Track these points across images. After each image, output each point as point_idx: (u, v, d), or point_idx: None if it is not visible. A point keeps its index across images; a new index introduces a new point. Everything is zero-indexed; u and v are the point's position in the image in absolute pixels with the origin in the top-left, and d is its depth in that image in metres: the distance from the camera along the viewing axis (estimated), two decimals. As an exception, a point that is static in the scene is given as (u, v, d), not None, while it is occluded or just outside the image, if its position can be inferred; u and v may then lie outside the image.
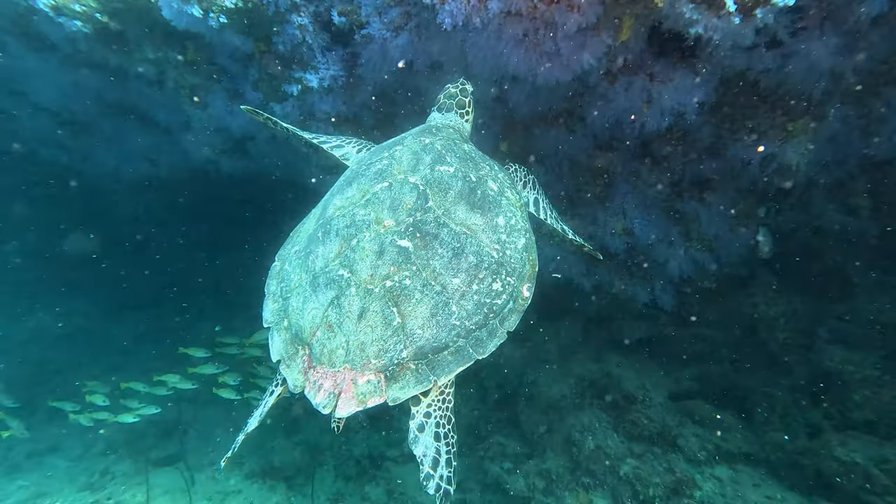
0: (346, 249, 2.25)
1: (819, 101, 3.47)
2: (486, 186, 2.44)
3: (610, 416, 6.90)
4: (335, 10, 3.95)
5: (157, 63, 5.49)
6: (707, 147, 4.11)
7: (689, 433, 6.61)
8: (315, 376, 2.10)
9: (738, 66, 3.34)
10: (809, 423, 6.04)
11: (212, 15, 3.89)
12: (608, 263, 5.29)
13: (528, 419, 7.65)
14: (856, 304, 5.29)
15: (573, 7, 2.62)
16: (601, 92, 3.63)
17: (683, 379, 6.83)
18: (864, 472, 5.53)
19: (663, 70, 3.35)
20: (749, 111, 3.74)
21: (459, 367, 2.12)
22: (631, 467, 6.53)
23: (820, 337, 5.46)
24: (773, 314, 5.75)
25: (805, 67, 3.20)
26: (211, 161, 8.18)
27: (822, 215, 4.71)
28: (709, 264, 5.04)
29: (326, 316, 2.14)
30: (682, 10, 2.72)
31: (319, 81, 4.39)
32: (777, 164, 3.91)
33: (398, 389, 2.04)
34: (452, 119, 3.05)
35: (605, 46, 3.01)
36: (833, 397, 5.72)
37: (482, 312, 2.19)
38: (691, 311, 6.10)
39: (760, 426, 6.34)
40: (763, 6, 2.58)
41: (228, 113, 5.63)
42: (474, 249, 2.24)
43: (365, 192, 2.40)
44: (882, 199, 4.66)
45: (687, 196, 4.56)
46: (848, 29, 2.97)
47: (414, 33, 3.62)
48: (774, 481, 6.20)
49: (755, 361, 6.18)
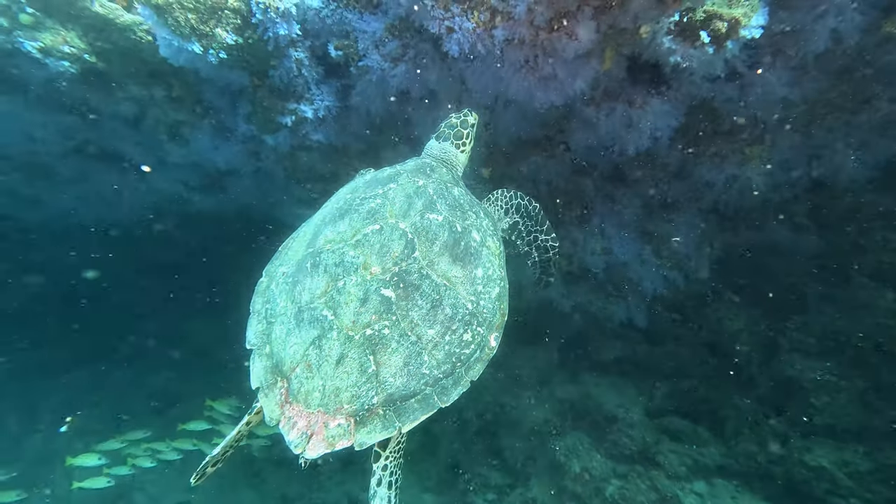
0: (332, 289, 2.33)
1: (772, 128, 3.85)
2: (470, 237, 2.57)
3: (592, 437, 6.93)
4: (332, 44, 4.09)
5: (139, 101, 5.43)
6: (675, 171, 4.43)
7: (667, 450, 6.71)
8: (291, 412, 2.19)
9: (704, 95, 3.68)
10: (776, 432, 6.27)
11: (212, 51, 3.94)
12: (587, 283, 5.47)
13: (510, 447, 7.55)
14: (809, 315, 5.66)
15: (572, 36, 2.85)
16: (585, 117, 3.88)
17: (657, 396, 6.99)
18: (830, 476, 5.77)
19: (641, 97, 3.64)
20: (711, 137, 4.10)
21: (424, 415, 2.20)
22: (616, 488, 6.53)
23: (781, 347, 5.78)
24: (736, 328, 6.06)
25: (761, 97, 3.57)
26: (183, 199, 7.99)
27: (775, 233, 5.09)
28: (678, 282, 5.31)
29: (307, 355, 2.23)
30: (662, 41, 3.02)
31: (314, 112, 4.48)
32: (738, 185, 4.26)
33: (365, 434, 2.13)
34: (448, 150, 3.15)
35: (594, 73, 3.26)
36: (796, 405, 5.99)
37: (451, 361, 2.29)
38: (662, 328, 6.33)
39: (732, 438, 6.53)
40: (733, 38, 2.90)
41: (213, 148, 5.58)
42: (451, 302, 2.35)
43: (356, 230, 2.48)
44: (822, 218, 5.10)
45: (657, 217, 4.85)
46: (795, 64, 3.37)
47: (411, 63, 3.78)
48: (749, 492, 6.35)
49: (723, 375, 6.43)
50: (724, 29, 2.91)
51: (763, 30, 2.88)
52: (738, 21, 2.89)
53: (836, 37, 3.09)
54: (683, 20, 2.96)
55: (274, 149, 5.04)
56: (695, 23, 2.94)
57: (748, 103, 3.65)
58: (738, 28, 2.90)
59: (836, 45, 3.14)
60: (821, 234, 5.13)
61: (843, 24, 3.02)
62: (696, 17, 2.93)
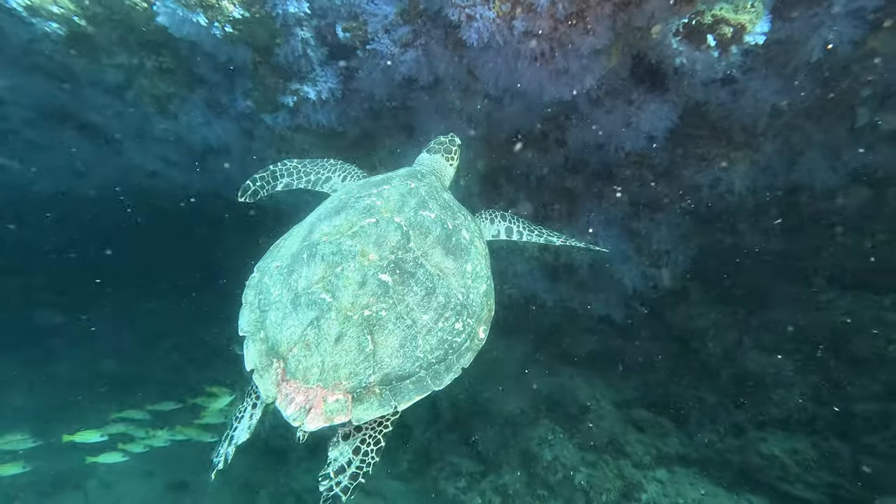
0: (329, 275, 2.35)
1: (758, 134, 4.01)
2: (460, 235, 2.66)
3: (564, 428, 7.03)
4: (340, 25, 3.96)
5: (126, 70, 5.11)
6: (662, 171, 4.55)
7: (634, 440, 6.90)
8: (287, 389, 2.19)
9: (699, 98, 3.79)
10: (735, 423, 6.55)
11: (217, 24, 3.75)
12: (572, 278, 5.55)
13: (483, 437, 7.57)
14: (771, 314, 5.94)
15: (590, 31, 2.87)
16: (586, 113, 3.92)
17: (626, 389, 7.18)
18: (781, 463, 6.08)
19: (641, 96, 3.71)
20: (700, 140, 4.23)
21: (418, 395, 2.25)
22: (585, 475, 6.65)
23: (744, 344, 6.04)
24: (703, 325, 6.29)
25: (752, 103, 3.71)
26: (158, 174, 7.62)
27: (745, 235, 5.32)
28: (655, 279, 5.47)
29: (305, 335, 2.23)
30: (669, 42, 3.07)
31: (317, 94, 4.33)
32: (721, 188, 4.42)
33: (362, 410, 2.16)
34: (438, 162, 3.26)
35: (603, 69, 3.30)
36: (754, 398, 6.28)
37: (443, 348, 2.34)
38: (636, 324, 6.50)
39: (694, 429, 6.78)
40: (738, 43, 2.99)
41: (205, 123, 5.32)
42: (444, 291, 2.43)
43: (353, 223, 2.52)
44: (788, 222, 5.37)
45: (642, 216, 4.97)
46: (787, 72, 3.51)
47: (421, 50, 3.72)
48: (706, 479, 6.60)
49: (688, 369, 6.67)
50: (730, 34, 2.99)
51: (766, 36, 2.98)
52: (743, 27, 2.97)
53: (829, 48, 3.23)
54: (692, 23, 3.02)
55: (271, 128, 4.85)
56: (703, 26, 3.01)
57: (739, 108, 3.78)
58: (743, 34, 2.98)
59: (827, 56, 3.29)
60: (786, 238, 5.39)
61: (835, 35, 3.16)
62: (704, 20, 3.00)
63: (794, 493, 5.95)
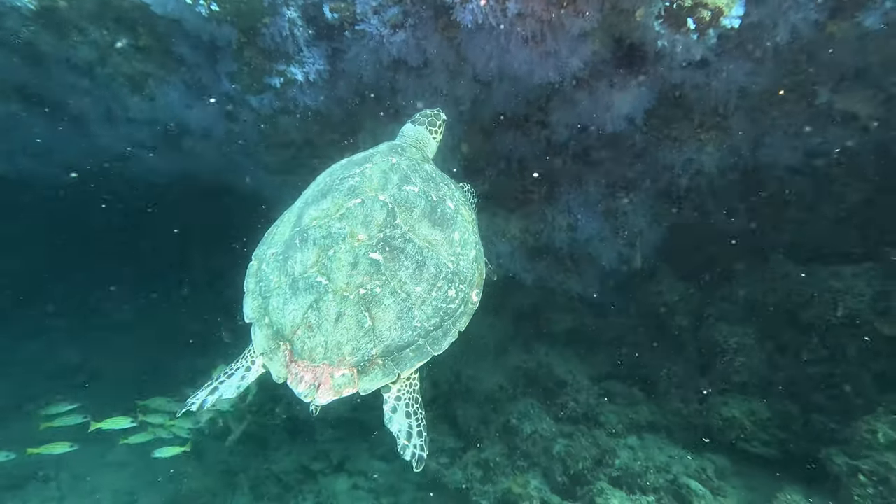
0: (323, 258, 2.43)
1: (728, 115, 4.18)
2: (445, 205, 2.71)
3: (542, 402, 7.22)
4: (327, 5, 3.86)
5: (98, 47, 4.82)
6: (638, 152, 4.69)
7: (608, 410, 7.16)
8: (297, 369, 2.31)
9: (675, 81, 3.91)
10: (699, 390, 6.90)
11: (202, 2, 3.59)
12: (551, 258, 5.67)
13: (464, 414, 7.68)
14: (734, 287, 6.25)
15: (580, 13, 2.92)
16: (570, 96, 3.99)
17: (600, 363, 7.43)
18: (739, 424, 6.43)
19: (622, 79, 3.80)
20: (674, 121, 4.37)
21: (419, 362, 2.37)
22: (562, 446, 6.85)
23: (710, 316, 6.34)
24: (672, 300, 6.56)
25: (724, 85, 3.86)
26: (127, 157, 7.26)
27: (711, 214, 5.56)
28: (630, 257, 5.65)
29: (307, 317, 2.33)
30: (652, 24, 3.16)
31: (305, 75, 4.23)
32: (693, 168, 4.59)
33: (368, 381, 2.29)
34: (422, 134, 3.28)
35: (589, 51, 3.36)
36: (717, 366, 6.62)
37: (439, 315, 2.45)
38: (610, 301, 6.71)
39: (662, 397, 7.09)
40: (715, 26, 3.10)
41: (184, 105, 5.09)
42: (434, 262, 2.50)
43: (339, 205, 2.59)
44: (750, 201, 5.64)
45: (618, 196, 5.12)
46: (757, 56, 3.67)
47: (410, 32, 3.67)
48: (672, 443, 6.93)
49: (658, 341, 6.95)
50: (709, 17, 3.10)
51: (740, 20, 3.11)
52: (720, 10, 3.09)
53: (795, 31, 3.40)
54: (673, 6, 3.11)
55: (256, 110, 4.69)
56: (684, 10, 3.10)
57: (711, 90, 3.93)
58: (720, 17, 3.10)
59: (794, 40, 3.46)
60: (748, 215, 5.67)
61: (802, 20, 3.33)
62: (685, 4, 3.09)
63: (750, 451, 6.32)
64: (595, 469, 6.74)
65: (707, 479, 6.12)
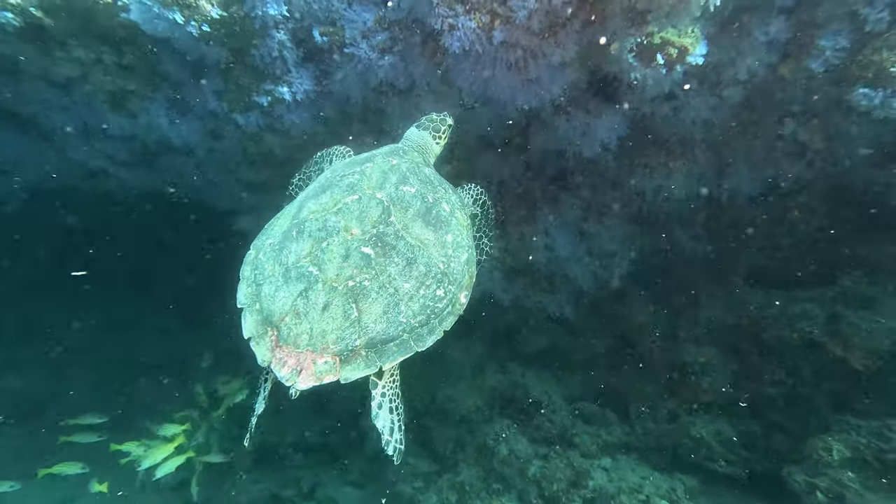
0: (316, 249, 2.50)
1: (693, 146, 4.48)
2: (440, 207, 2.79)
3: (518, 423, 7.23)
4: (317, 29, 4.00)
5: (81, 64, 4.81)
6: (612, 178, 4.93)
7: (582, 431, 7.22)
8: (281, 354, 2.35)
9: (645, 111, 4.19)
10: (669, 411, 7.05)
11: (193, 22, 3.67)
12: (528, 278, 5.80)
13: (440, 436, 7.61)
14: (700, 310, 6.51)
15: (560, 44, 3.14)
16: (549, 121, 4.20)
17: (574, 384, 7.52)
18: (707, 444, 6.59)
19: (597, 107, 4.05)
20: (644, 149, 4.65)
21: (402, 356, 2.43)
22: (537, 468, 6.85)
23: (678, 337, 6.56)
24: (642, 321, 6.76)
25: (689, 117, 4.16)
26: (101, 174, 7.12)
27: (679, 238, 5.84)
28: (605, 279, 5.85)
29: (295, 305, 2.39)
30: (625, 58, 3.42)
31: (292, 95, 4.33)
32: (662, 195, 4.86)
33: (349, 371, 2.33)
34: (425, 139, 3.38)
35: (568, 80, 3.58)
36: (686, 387, 6.81)
37: (426, 313, 2.50)
38: (583, 322, 6.87)
39: (634, 418, 7.21)
40: (681, 62, 3.38)
41: (168, 122, 5.10)
42: (425, 261, 2.56)
43: (337, 201, 2.66)
44: (713, 228, 5.95)
45: (593, 219, 5.34)
46: (718, 92, 3.99)
47: (398, 56, 3.84)
48: (645, 464, 7.02)
49: (629, 363, 7.11)
50: (676, 54, 3.38)
51: (704, 58, 3.40)
52: (686, 48, 3.37)
53: (751, 71, 3.72)
54: (644, 42, 3.39)
55: (241, 128, 4.74)
56: (653, 46, 3.38)
57: (678, 122, 4.22)
58: (685, 54, 3.38)
59: (750, 78, 3.78)
60: (711, 241, 5.97)
61: (756, 62, 3.66)
62: (654, 41, 3.37)
63: (718, 471, 6.47)
64: (570, 491, 6.75)
65: (677, 500, 6.21)
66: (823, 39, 3.48)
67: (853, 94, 3.46)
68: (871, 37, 3.33)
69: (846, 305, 5.54)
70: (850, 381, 5.45)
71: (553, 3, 2.93)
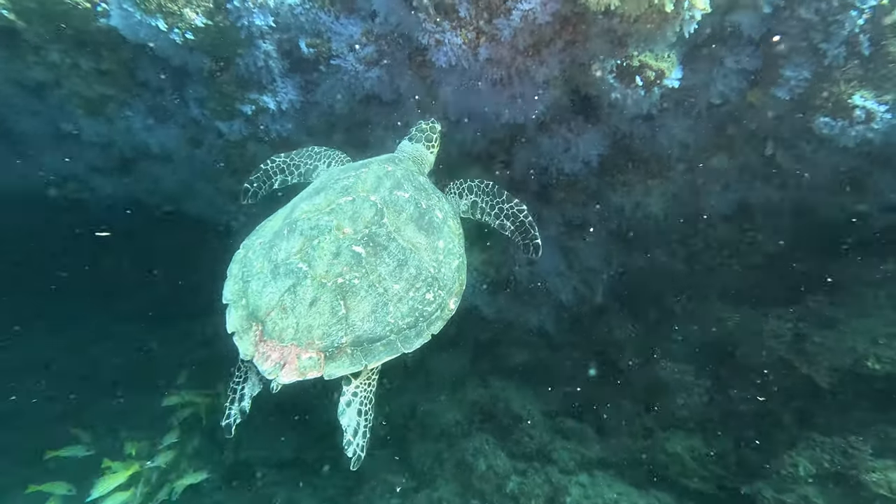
0: (307, 247, 2.50)
1: (671, 166, 4.63)
2: (433, 214, 2.83)
3: (497, 438, 7.20)
4: (303, 40, 4.04)
5: (56, 69, 4.74)
6: (592, 194, 5.05)
7: (561, 447, 7.23)
8: (264, 348, 2.32)
9: (625, 130, 4.33)
10: (645, 426, 7.12)
11: (177, 30, 3.67)
12: (510, 291, 5.85)
13: (418, 450, 7.52)
14: (677, 326, 6.65)
15: (543, 63, 3.25)
16: (532, 137, 4.31)
17: (554, 398, 7.54)
18: (682, 460, 6.68)
19: (579, 125, 4.17)
20: (624, 167, 4.79)
21: (388, 356, 2.41)
22: (516, 483, 6.83)
23: (656, 354, 6.67)
24: (621, 337, 6.86)
25: (666, 137, 4.31)
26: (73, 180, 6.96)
27: (656, 255, 5.98)
28: (585, 294, 5.94)
29: (282, 300, 2.37)
30: (606, 78, 3.55)
31: (277, 104, 4.34)
32: (641, 212, 4.99)
33: (334, 367, 2.30)
34: (419, 150, 3.43)
35: (551, 98, 3.69)
36: (662, 402, 6.90)
37: (414, 316, 2.50)
38: (563, 336, 6.93)
39: (612, 433, 7.25)
40: (658, 85, 3.52)
41: (145, 129, 5.04)
42: (416, 263, 2.58)
43: (331, 202, 2.68)
44: (688, 245, 6.12)
45: (574, 235, 5.44)
46: (694, 114, 4.16)
47: (385, 69, 3.90)
48: (621, 480, 7.06)
49: (607, 378, 7.18)
50: (653, 77, 3.53)
51: (679, 82, 3.55)
52: (663, 72, 3.52)
53: (723, 96, 3.90)
54: (623, 65, 3.52)
55: (224, 136, 4.72)
56: (632, 68, 3.52)
57: (656, 142, 4.38)
58: (663, 77, 3.53)
59: (723, 103, 3.96)
60: (686, 259, 6.14)
61: (727, 87, 3.84)
62: (633, 63, 3.51)
63: (691, 487, 6.55)
64: (547, 507, 6.73)
65: (652, 517, 6.25)
66: (788, 70, 3.67)
67: (816, 123, 3.64)
68: (830, 69, 3.54)
69: (811, 324, 5.74)
70: (816, 399, 5.62)
71: (537, 22, 3.04)
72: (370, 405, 2.56)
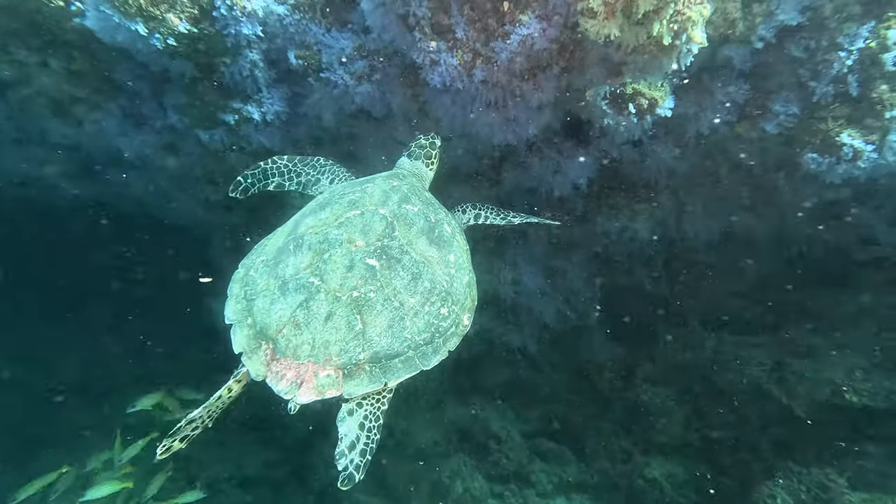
0: (317, 261, 2.41)
1: (657, 191, 4.67)
2: (443, 228, 2.78)
3: (475, 459, 7.08)
4: (292, 51, 3.94)
5: (21, 67, 4.53)
6: (579, 216, 5.05)
7: (538, 469, 7.15)
8: (278, 367, 2.23)
9: (614, 156, 4.34)
10: (624, 450, 7.10)
11: (158, 35, 3.52)
12: (494, 311, 5.79)
13: (394, 471, 7.33)
14: (657, 350, 6.67)
15: (539, 87, 3.23)
16: (523, 159, 4.28)
17: (532, 419, 7.48)
18: (660, 485, 6.67)
19: (570, 149, 4.16)
20: (612, 191, 4.80)
21: (407, 374, 2.33)
22: (492, 507, 6.73)
23: (636, 376, 6.67)
24: (601, 359, 6.86)
25: (654, 164, 4.34)
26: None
27: (639, 279, 6.01)
28: (567, 315, 5.91)
29: (294, 316, 2.28)
30: (599, 104, 3.54)
31: (262, 115, 4.21)
32: (627, 235, 5.01)
33: (353, 385, 2.22)
34: (418, 167, 3.37)
35: (545, 122, 3.67)
36: (641, 426, 6.90)
37: (430, 331, 2.43)
38: (544, 357, 6.89)
39: (591, 456, 7.22)
40: (651, 113, 3.53)
41: (119, 133, 4.84)
42: (430, 277, 2.52)
43: (338, 216, 2.59)
44: (671, 270, 6.18)
45: (560, 256, 5.42)
46: (682, 143, 4.19)
47: (376, 85, 3.83)
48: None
49: (587, 400, 7.16)
50: (646, 105, 3.53)
51: (671, 111, 3.57)
52: (656, 100, 3.53)
53: (712, 127, 3.95)
54: (617, 92, 3.52)
55: (204, 145, 4.55)
56: (626, 96, 3.52)
57: (644, 167, 4.40)
58: (655, 106, 3.54)
59: (712, 133, 4.01)
60: (670, 283, 6.19)
61: (717, 119, 3.89)
62: (627, 91, 3.52)
63: (668, 514, 6.52)
64: (524, 531, 6.62)
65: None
66: (777, 104, 3.74)
67: (804, 158, 3.71)
68: (818, 107, 3.61)
69: (791, 354, 5.82)
70: (793, 428, 5.68)
71: (534, 48, 3.01)
72: (377, 423, 2.40)
